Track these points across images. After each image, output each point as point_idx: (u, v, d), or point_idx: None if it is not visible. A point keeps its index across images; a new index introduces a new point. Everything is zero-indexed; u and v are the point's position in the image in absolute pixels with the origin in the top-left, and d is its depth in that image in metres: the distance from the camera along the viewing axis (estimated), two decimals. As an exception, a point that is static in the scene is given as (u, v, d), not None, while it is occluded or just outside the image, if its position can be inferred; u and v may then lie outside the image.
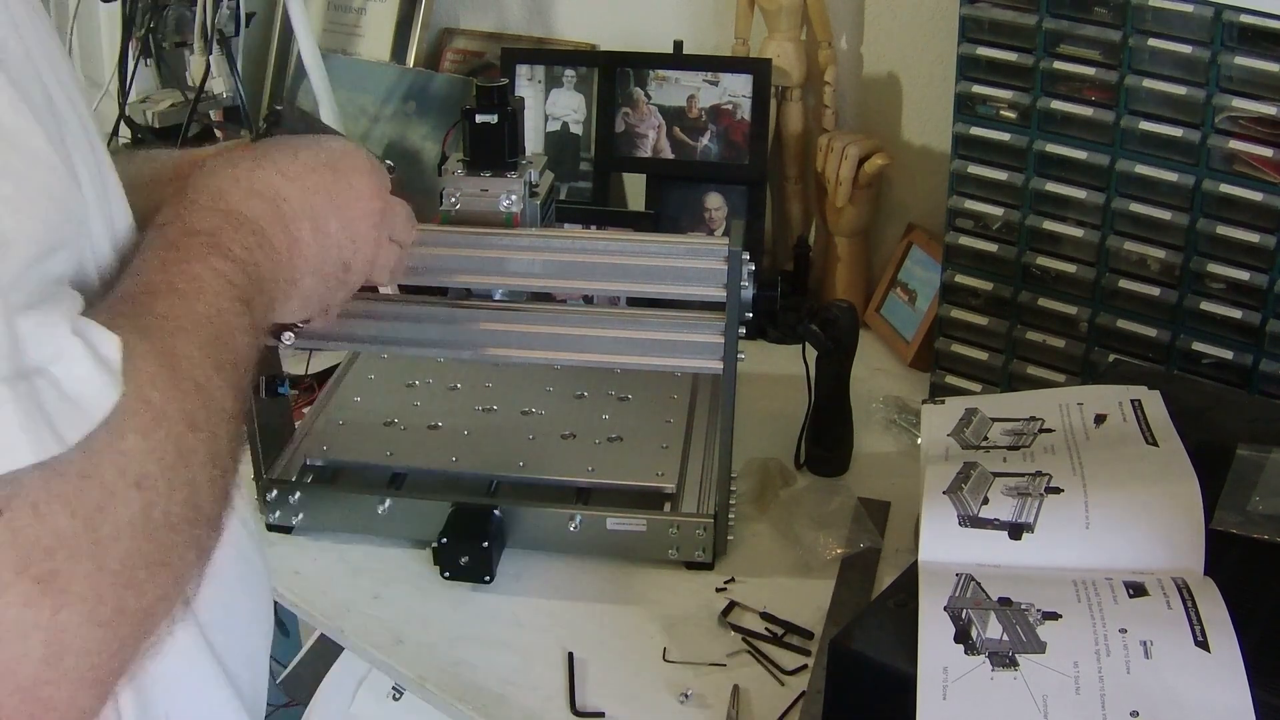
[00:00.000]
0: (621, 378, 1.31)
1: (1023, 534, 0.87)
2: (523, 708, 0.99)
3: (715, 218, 1.60)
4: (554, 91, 1.64)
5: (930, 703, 0.75)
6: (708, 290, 1.06)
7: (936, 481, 0.93)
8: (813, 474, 1.29)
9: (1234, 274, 1.15)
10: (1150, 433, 0.96)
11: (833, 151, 1.51)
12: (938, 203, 1.35)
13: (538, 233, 1.12)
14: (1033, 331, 1.30)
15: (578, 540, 1.13)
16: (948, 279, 1.34)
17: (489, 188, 1.12)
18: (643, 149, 1.61)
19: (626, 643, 1.06)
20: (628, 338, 1.09)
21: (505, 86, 1.13)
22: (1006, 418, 1.03)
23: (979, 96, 1.25)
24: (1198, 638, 0.76)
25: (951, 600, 0.82)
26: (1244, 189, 1.12)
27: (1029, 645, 0.77)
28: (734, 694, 1.00)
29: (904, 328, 1.52)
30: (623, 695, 1.00)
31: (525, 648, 1.05)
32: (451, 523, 1.11)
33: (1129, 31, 1.15)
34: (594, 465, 1.18)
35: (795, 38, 1.54)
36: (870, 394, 1.40)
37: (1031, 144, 1.23)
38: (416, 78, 1.74)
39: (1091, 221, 1.23)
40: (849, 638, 0.83)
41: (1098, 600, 0.80)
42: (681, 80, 1.58)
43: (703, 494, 1.16)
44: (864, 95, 1.58)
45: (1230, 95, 1.11)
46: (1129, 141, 1.18)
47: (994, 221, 1.30)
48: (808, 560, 1.14)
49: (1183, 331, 1.20)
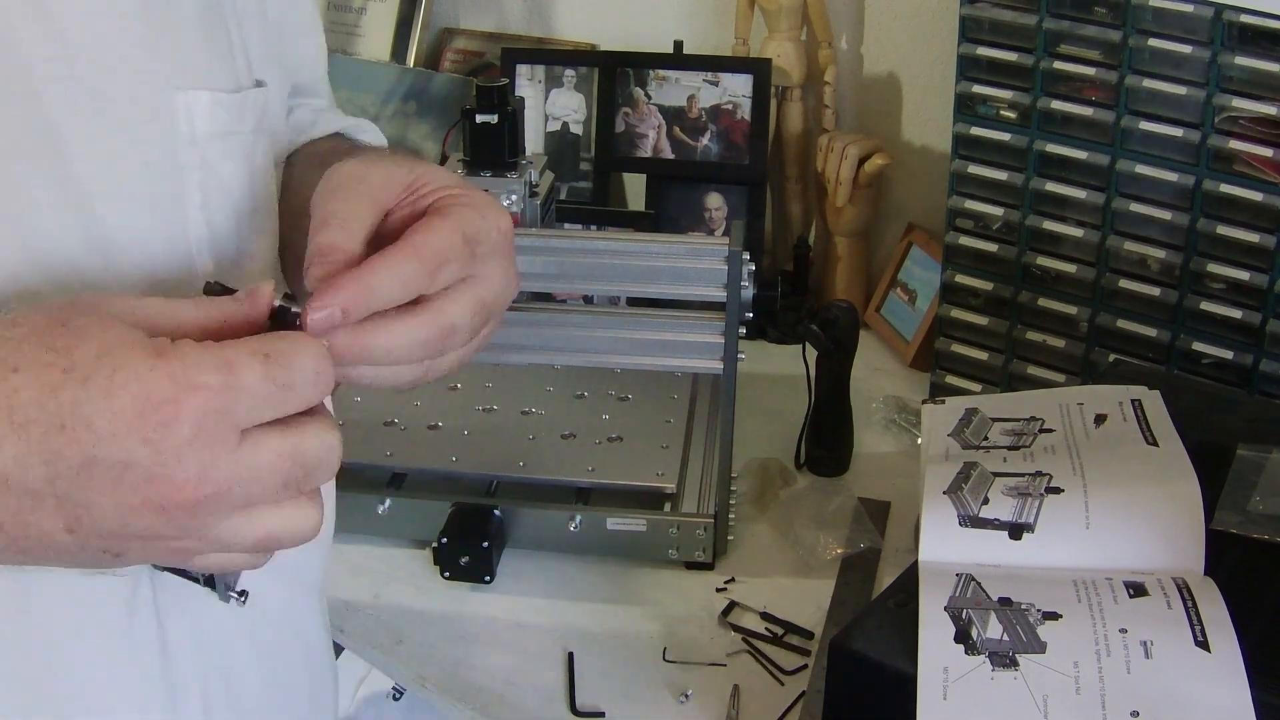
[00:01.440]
0: (621, 378, 1.31)
1: (1023, 534, 0.87)
2: (523, 708, 0.99)
3: (715, 218, 1.60)
4: (554, 91, 1.64)
5: (930, 703, 0.75)
6: (708, 290, 1.06)
7: (936, 481, 0.93)
8: (813, 474, 1.29)
9: (1234, 274, 1.15)
10: (1150, 433, 0.96)
11: (833, 151, 1.51)
12: (938, 203, 1.35)
13: (538, 233, 1.12)
14: (1033, 331, 1.30)
15: (578, 540, 1.13)
16: (948, 279, 1.34)
17: (489, 188, 1.12)
18: (643, 149, 1.61)
19: (626, 643, 1.06)
20: (628, 338, 1.09)
21: (505, 86, 1.13)
22: (1006, 418, 1.03)
23: (979, 96, 1.25)
24: (1198, 638, 0.76)
25: (951, 600, 0.82)
26: (1244, 189, 1.12)
27: (1029, 645, 0.77)
28: (734, 694, 1.00)
29: (904, 328, 1.52)
30: (623, 695, 1.00)
31: (525, 648, 1.05)
32: (451, 523, 1.11)
33: (1129, 31, 1.15)
34: (594, 465, 1.18)
35: (795, 38, 1.54)
36: (870, 394, 1.40)
37: (1031, 144, 1.23)
38: (416, 78, 1.74)
39: (1091, 221, 1.23)
40: (849, 638, 0.83)
41: (1098, 600, 0.80)
42: (681, 80, 1.58)
43: (703, 494, 1.16)
44: (864, 95, 1.58)
45: (1230, 95, 1.11)
46: (1129, 141, 1.18)
47: (994, 221, 1.30)
48: (808, 560, 1.14)
49: (1183, 331, 1.20)
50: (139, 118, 0.61)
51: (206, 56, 0.64)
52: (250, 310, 0.54)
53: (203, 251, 0.65)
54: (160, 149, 0.62)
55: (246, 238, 0.68)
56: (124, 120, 0.60)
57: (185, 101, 0.62)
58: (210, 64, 0.64)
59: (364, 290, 0.55)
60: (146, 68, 0.60)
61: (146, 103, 0.61)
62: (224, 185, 0.66)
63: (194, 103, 0.62)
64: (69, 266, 0.59)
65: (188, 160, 0.63)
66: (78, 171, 0.58)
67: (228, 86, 0.65)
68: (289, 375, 0.50)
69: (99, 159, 0.59)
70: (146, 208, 0.62)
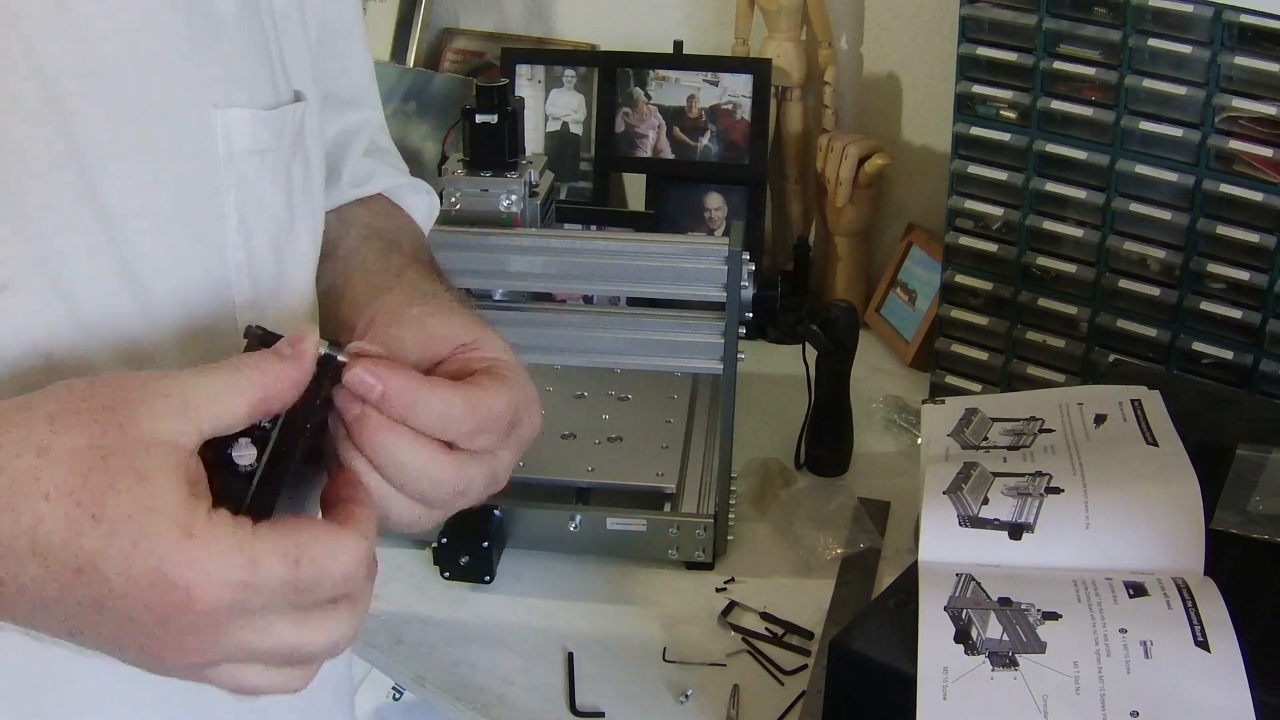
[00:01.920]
0: (621, 378, 1.31)
1: (1023, 534, 0.87)
2: (523, 708, 0.99)
3: (715, 218, 1.60)
4: (554, 91, 1.64)
5: (930, 703, 0.75)
6: (708, 290, 1.06)
7: (936, 481, 0.93)
8: (813, 474, 1.29)
9: (1234, 274, 1.15)
10: (1150, 433, 0.96)
11: (833, 151, 1.51)
12: (938, 203, 1.35)
13: (538, 233, 1.12)
14: (1033, 331, 1.30)
15: (578, 540, 1.13)
16: (948, 279, 1.34)
17: (489, 188, 1.13)
18: (643, 149, 1.61)
19: (626, 643, 1.06)
20: (628, 338, 1.09)
21: (505, 86, 1.13)
22: (1006, 418, 1.03)
23: (979, 96, 1.25)
24: (1198, 638, 0.76)
25: (951, 600, 0.82)
26: (1244, 189, 1.12)
27: (1029, 645, 0.77)
28: (734, 694, 1.00)
29: (904, 328, 1.52)
30: (622, 695, 1.00)
31: (525, 648, 1.05)
32: (451, 523, 1.11)
33: (1129, 31, 1.15)
34: (594, 465, 1.18)
35: (795, 38, 1.54)
36: (870, 394, 1.40)
37: (1031, 144, 1.23)
38: (416, 78, 1.74)
39: (1091, 221, 1.23)
40: (849, 638, 0.83)
41: (1098, 600, 0.80)
42: (681, 80, 1.58)
43: (703, 494, 1.16)
44: (864, 95, 1.58)
45: (1230, 95, 1.11)
46: (1129, 141, 1.18)
47: (994, 221, 1.30)
48: (808, 560, 1.14)
49: (1183, 331, 1.20)
50: (175, 137, 0.59)
51: (246, 71, 0.62)
52: (297, 372, 0.53)
53: (241, 277, 0.63)
54: (197, 169, 0.60)
55: (284, 260, 0.66)
56: (159, 140, 0.58)
57: (223, 119, 0.60)
58: (249, 79, 0.62)
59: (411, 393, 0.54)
60: (184, 84, 0.58)
61: (183, 121, 0.59)
62: (262, 204, 0.63)
63: (232, 120, 0.60)
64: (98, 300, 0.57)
65: (225, 180, 0.61)
66: (108, 195, 0.56)
67: (266, 102, 0.63)
68: (315, 580, 0.49)
69: (131, 181, 0.57)
70: (181, 232, 0.60)
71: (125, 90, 0.56)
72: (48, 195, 0.55)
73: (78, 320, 0.56)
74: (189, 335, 0.61)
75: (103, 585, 0.47)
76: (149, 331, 0.59)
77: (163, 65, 0.57)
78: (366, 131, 0.83)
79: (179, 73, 0.58)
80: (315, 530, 0.50)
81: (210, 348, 0.61)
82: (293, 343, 0.53)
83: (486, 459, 0.59)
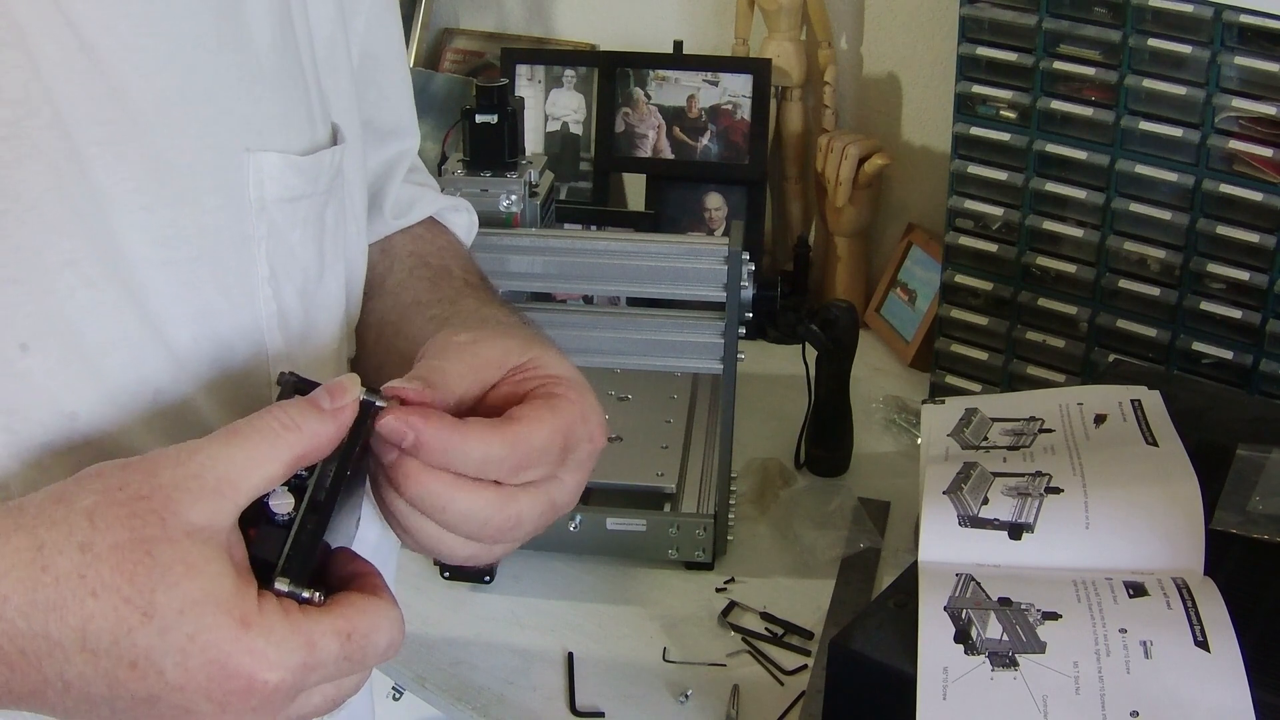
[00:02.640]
0: (621, 378, 1.31)
1: (1023, 534, 0.87)
2: (523, 708, 0.99)
3: (715, 218, 1.60)
4: (554, 91, 1.64)
5: (930, 703, 0.75)
6: (708, 290, 1.06)
7: (936, 481, 0.93)
8: (813, 474, 1.29)
9: (1234, 274, 1.15)
10: (1150, 433, 0.96)
11: (833, 151, 1.51)
12: (938, 203, 1.35)
13: (538, 233, 1.12)
14: (1033, 331, 1.30)
15: (578, 540, 1.13)
16: (948, 279, 1.34)
17: (489, 188, 1.12)
18: (643, 149, 1.61)
19: (626, 643, 1.06)
20: (628, 338, 1.09)
21: (505, 86, 1.13)
22: (1006, 418, 1.03)
23: (979, 96, 1.25)
24: (1198, 638, 0.76)
25: (951, 600, 0.82)
26: (1244, 189, 1.12)
27: (1029, 645, 0.77)
28: (734, 694, 1.00)
29: (904, 328, 1.52)
30: (622, 695, 1.00)
31: (525, 648, 1.05)
32: (451, 523, 1.11)
33: (1129, 31, 1.14)
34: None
35: (795, 38, 1.54)
36: (870, 394, 1.40)
37: (1031, 144, 1.23)
38: (416, 78, 1.74)
39: (1091, 221, 1.23)
40: (849, 638, 0.83)
41: (1098, 600, 0.80)
42: (681, 80, 1.58)
43: (703, 494, 1.16)
44: (864, 95, 1.58)
45: (1230, 95, 1.11)
46: (1129, 141, 1.18)
47: (994, 221, 1.30)
48: (808, 560, 1.14)
49: (1183, 331, 1.20)
50: (202, 185, 0.56)
51: (280, 111, 0.58)
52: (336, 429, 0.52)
53: (273, 329, 0.60)
54: (225, 219, 0.57)
55: (312, 309, 0.64)
56: (185, 189, 0.55)
57: (255, 164, 0.57)
58: (284, 120, 0.59)
59: (445, 440, 0.53)
60: (213, 128, 0.55)
61: (211, 168, 0.56)
62: (293, 254, 0.61)
63: (264, 165, 0.57)
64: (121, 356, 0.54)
65: (255, 230, 0.58)
66: (130, 247, 0.54)
67: (302, 146, 0.60)
68: (363, 652, 0.50)
69: (155, 233, 0.54)
70: (209, 284, 0.57)
71: (150, 137, 0.53)
72: (66, 251, 0.52)
73: (100, 377, 0.54)
74: (219, 386, 0.59)
75: (158, 679, 0.47)
76: (176, 385, 0.57)
77: (191, 109, 0.55)
78: (406, 160, 0.81)
79: (208, 116, 0.55)
80: (360, 605, 0.51)
81: (241, 397, 0.60)
82: (333, 394, 0.52)
83: (540, 489, 0.58)
